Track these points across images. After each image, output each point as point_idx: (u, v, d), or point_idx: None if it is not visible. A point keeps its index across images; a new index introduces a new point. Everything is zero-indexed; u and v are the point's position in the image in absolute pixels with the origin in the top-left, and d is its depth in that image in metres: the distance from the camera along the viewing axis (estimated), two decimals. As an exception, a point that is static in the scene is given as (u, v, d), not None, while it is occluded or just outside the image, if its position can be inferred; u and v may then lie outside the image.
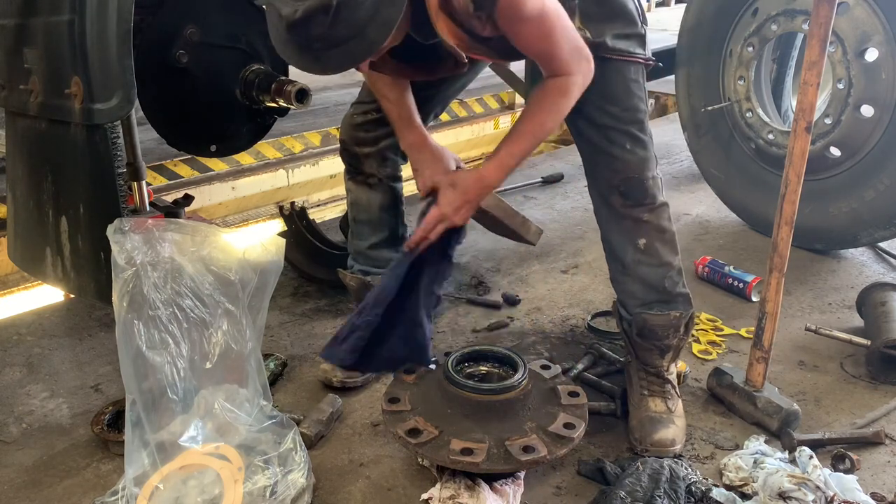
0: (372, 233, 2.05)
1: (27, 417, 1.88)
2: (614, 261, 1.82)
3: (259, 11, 2.26)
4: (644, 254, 1.74)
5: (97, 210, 1.64)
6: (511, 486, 1.53)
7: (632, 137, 1.69)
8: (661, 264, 1.75)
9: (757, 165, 2.90)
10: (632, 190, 1.71)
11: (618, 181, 1.71)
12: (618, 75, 1.66)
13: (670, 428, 1.69)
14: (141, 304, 1.46)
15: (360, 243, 2.07)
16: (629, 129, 1.69)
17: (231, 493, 1.42)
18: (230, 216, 4.25)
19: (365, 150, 1.98)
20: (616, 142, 1.69)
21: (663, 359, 1.77)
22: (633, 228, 1.74)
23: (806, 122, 1.61)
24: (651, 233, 1.74)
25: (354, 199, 2.06)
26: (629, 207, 1.73)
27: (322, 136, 4.77)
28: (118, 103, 1.57)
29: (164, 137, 2.16)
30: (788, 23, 2.68)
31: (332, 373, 1.93)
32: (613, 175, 1.71)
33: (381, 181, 2.02)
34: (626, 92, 1.68)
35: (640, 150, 1.70)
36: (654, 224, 1.74)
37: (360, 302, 2.00)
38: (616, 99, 1.67)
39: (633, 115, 1.69)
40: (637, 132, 1.70)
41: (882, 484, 1.59)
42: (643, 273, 1.76)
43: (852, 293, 2.38)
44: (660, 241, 1.75)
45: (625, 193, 1.71)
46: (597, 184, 1.78)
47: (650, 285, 1.76)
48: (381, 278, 1.77)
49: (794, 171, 1.64)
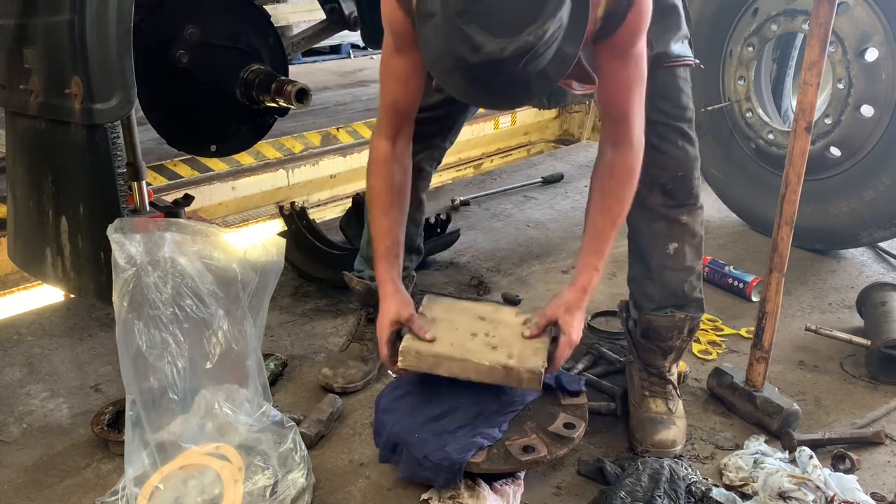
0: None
1: (27, 417, 1.88)
2: (639, 263, 1.79)
3: (259, 11, 2.26)
4: (672, 258, 1.72)
5: (97, 210, 1.64)
6: (511, 486, 1.53)
7: (683, 134, 1.67)
8: (685, 269, 1.74)
9: (757, 165, 2.90)
10: (678, 188, 1.68)
11: (665, 179, 1.68)
12: (669, 74, 1.64)
13: (671, 429, 1.69)
14: (141, 304, 1.46)
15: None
16: (681, 125, 1.67)
17: (231, 493, 1.42)
18: (230, 216, 4.24)
19: None
20: (667, 138, 1.66)
21: (665, 360, 1.77)
22: (666, 231, 1.71)
23: (806, 122, 1.61)
24: (683, 237, 1.72)
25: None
26: (670, 208, 1.70)
27: (322, 136, 4.76)
28: (118, 103, 1.57)
29: (164, 137, 2.16)
30: (788, 23, 2.68)
31: (334, 378, 1.93)
32: (661, 173, 1.67)
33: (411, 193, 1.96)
34: (677, 90, 1.66)
35: (690, 148, 1.69)
36: (689, 228, 1.72)
37: (365, 304, 2.00)
38: (668, 96, 1.65)
39: (684, 112, 1.67)
40: (688, 129, 1.68)
41: (882, 484, 1.59)
42: (667, 277, 1.74)
43: (852, 293, 2.38)
44: (689, 245, 1.73)
45: (670, 192, 1.68)
46: (638, 183, 1.75)
47: (670, 290, 1.74)
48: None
49: (794, 171, 1.64)
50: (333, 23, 2.74)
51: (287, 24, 6.53)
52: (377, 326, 1.61)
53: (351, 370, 1.94)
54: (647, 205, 1.70)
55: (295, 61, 7.63)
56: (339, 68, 7.87)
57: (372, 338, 2.00)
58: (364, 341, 2.00)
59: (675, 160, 1.67)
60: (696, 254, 1.75)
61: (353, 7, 2.70)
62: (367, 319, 2.02)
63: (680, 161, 1.67)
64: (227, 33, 2.15)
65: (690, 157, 1.69)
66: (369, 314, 2.02)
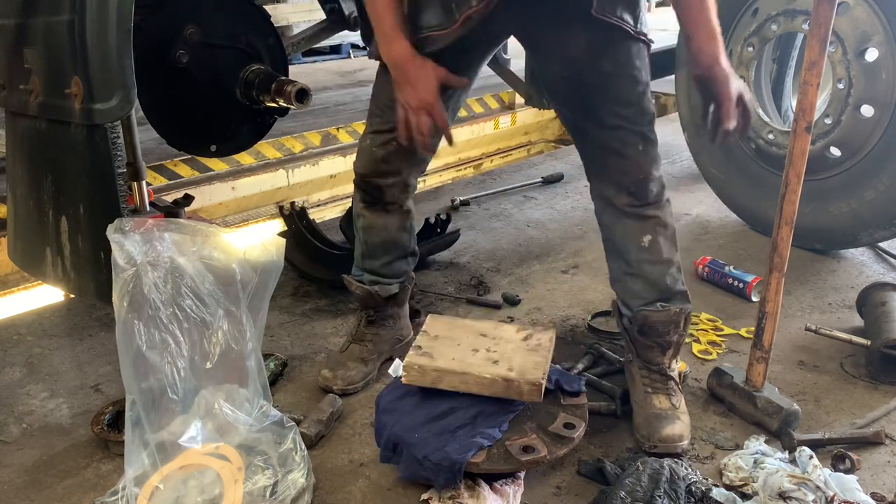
0: (386, 252, 1.97)
1: (27, 417, 1.88)
2: (617, 261, 1.82)
3: (259, 11, 2.26)
4: (648, 251, 1.75)
5: (97, 210, 1.64)
6: (511, 486, 1.53)
7: (644, 138, 1.70)
8: (663, 261, 1.76)
9: (757, 165, 2.90)
10: (642, 189, 1.72)
11: (628, 181, 1.71)
12: (632, 81, 1.66)
13: (676, 424, 1.69)
14: (141, 304, 1.46)
15: (372, 262, 1.98)
16: (643, 130, 1.70)
17: (231, 493, 1.42)
18: (230, 216, 4.24)
19: (389, 181, 1.88)
20: (629, 143, 1.69)
21: (664, 356, 1.78)
22: (638, 226, 1.75)
23: (806, 122, 1.61)
24: (656, 228, 1.75)
25: (369, 224, 1.94)
26: (637, 206, 1.73)
27: (322, 136, 4.77)
28: (118, 103, 1.57)
29: (164, 137, 2.17)
30: (788, 23, 2.68)
31: (333, 380, 1.92)
32: (623, 177, 1.71)
33: (400, 206, 1.94)
34: (638, 95, 1.68)
35: (651, 150, 1.71)
36: (660, 219, 1.75)
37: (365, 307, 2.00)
38: (630, 102, 1.67)
39: (644, 116, 1.70)
40: (648, 133, 1.71)
41: (882, 484, 1.59)
42: (646, 271, 1.76)
43: (852, 293, 2.38)
44: (663, 236, 1.76)
45: (634, 193, 1.72)
46: (603, 186, 1.78)
47: (652, 283, 1.76)
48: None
49: (794, 172, 1.64)
50: (333, 23, 2.75)
51: (287, 24, 6.54)
52: (417, 93, 1.58)
53: (351, 371, 1.94)
54: (616, 205, 1.75)
55: (295, 61, 7.64)
56: (339, 68, 7.88)
57: (372, 339, 2.01)
58: (364, 343, 2.00)
59: (637, 164, 1.70)
60: (671, 245, 1.78)
61: (352, 7, 2.70)
62: (368, 321, 2.02)
63: (640, 165, 1.71)
64: (227, 33, 2.15)
65: (650, 159, 1.72)
66: (369, 316, 2.02)
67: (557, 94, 1.81)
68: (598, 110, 1.69)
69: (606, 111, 1.68)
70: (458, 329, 1.77)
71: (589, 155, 1.80)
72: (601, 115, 1.69)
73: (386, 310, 2.02)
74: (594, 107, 1.69)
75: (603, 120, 1.69)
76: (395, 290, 2.00)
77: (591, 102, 1.69)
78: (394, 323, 2.05)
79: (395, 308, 2.04)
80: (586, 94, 1.69)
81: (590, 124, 1.73)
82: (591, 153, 1.79)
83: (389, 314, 2.04)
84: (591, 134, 1.74)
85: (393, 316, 2.05)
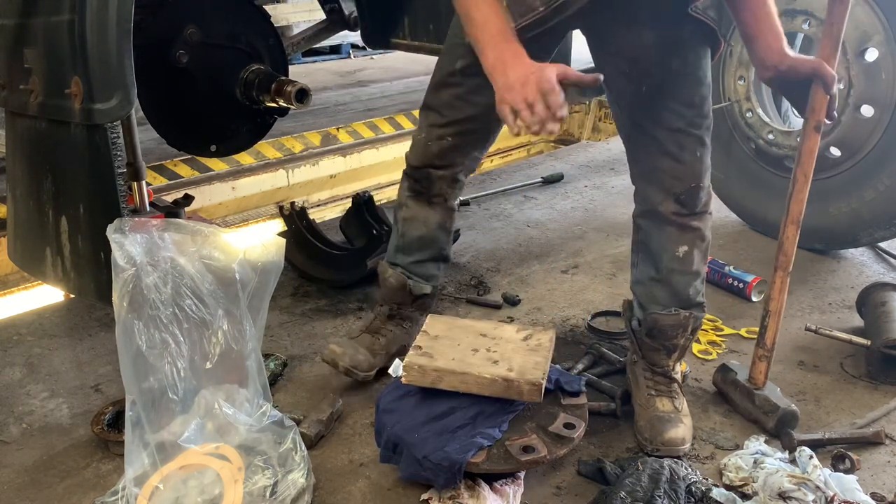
0: (420, 249, 1.95)
1: (27, 417, 1.88)
2: (646, 264, 1.79)
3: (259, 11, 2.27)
4: (680, 261, 1.72)
5: (97, 210, 1.64)
6: (511, 486, 1.53)
7: (702, 144, 1.66)
8: (692, 273, 1.74)
9: (757, 165, 2.89)
10: (691, 198, 1.68)
11: (680, 189, 1.67)
12: (696, 81, 1.63)
13: (679, 427, 1.69)
14: (141, 304, 1.46)
15: (404, 258, 1.96)
16: (701, 135, 1.66)
17: (231, 493, 1.42)
18: (230, 216, 4.24)
19: (440, 174, 1.87)
20: (688, 148, 1.64)
21: (670, 358, 1.78)
22: (677, 235, 1.71)
23: (815, 121, 1.61)
24: (694, 241, 1.72)
25: (411, 216, 1.92)
26: (682, 216, 1.69)
27: (322, 136, 4.76)
28: (118, 103, 1.57)
29: (164, 137, 2.17)
30: (788, 23, 2.68)
31: (341, 356, 1.88)
32: (676, 182, 1.67)
33: (445, 200, 1.93)
34: (701, 98, 1.64)
35: (707, 158, 1.68)
36: (700, 232, 1.72)
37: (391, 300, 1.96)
38: (692, 103, 1.63)
39: (704, 120, 1.66)
40: (706, 138, 1.67)
41: (882, 484, 1.59)
42: (674, 280, 1.74)
43: (852, 293, 2.38)
44: (698, 249, 1.73)
45: (683, 202, 1.68)
46: (650, 190, 1.73)
47: (676, 293, 1.74)
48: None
49: (801, 171, 1.64)
50: (333, 23, 2.75)
51: (287, 24, 6.54)
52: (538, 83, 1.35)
53: (360, 356, 1.90)
54: (660, 212, 1.71)
55: (295, 61, 7.63)
56: (339, 68, 7.88)
57: (386, 335, 1.97)
58: (378, 335, 1.97)
59: (691, 170, 1.67)
60: (703, 258, 1.76)
61: (352, 7, 2.71)
62: (389, 316, 1.99)
63: (695, 171, 1.67)
64: (227, 33, 2.15)
65: (705, 167, 1.68)
66: (392, 310, 1.98)
67: (615, 91, 1.73)
68: (660, 109, 1.63)
69: (669, 111, 1.63)
70: (458, 329, 1.77)
71: (640, 157, 1.74)
72: (662, 115, 1.64)
73: (409, 308, 1.99)
74: (655, 105, 1.64)
75: (663, 120, 1.64)
76: (427, 290, 1.98)
77: (652, 100, 1.64)
78: (410, 326, 2.01)
79: (416, 311, 2.01)
80: (648, 91, 1.63)
81: (648, 123, 1.67)
82: (643, 155, 1.73)
83: (410, 315, 2.01)
84: (647, 134, 1.68)
85: (412, 319, 2.01)
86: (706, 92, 1.65)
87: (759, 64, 1.63)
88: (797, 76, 1.60)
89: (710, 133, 1.68)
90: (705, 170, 1.69)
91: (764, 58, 1.60)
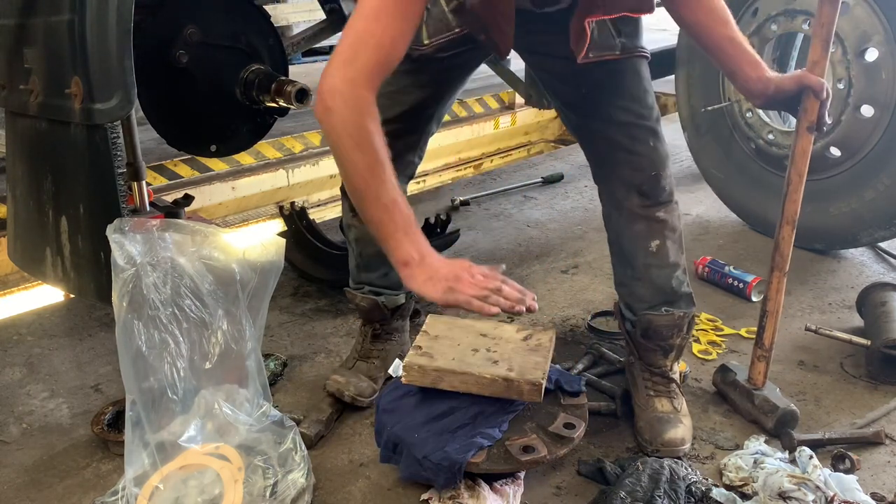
0: (382, 262, 1.81)
1: (27, 417, 1.88)
2: (623, 265, 1.80)
3: (259, 11, 2.26)
4: (655, 256, 1.73)
5: (97, 210, 1.64)
6: (511, 486, 1.53)
7: (654, 133, 1.68)
8: (670, 265, 1.74)
9: (757, 165, 2.89)
10: (653, 188, 1.69)
11: (640, 180, 1.68)
12: (636, 74, 1.65)
13: (679, 427, 1.69)
14: (141, 304, 1.46)
15: (369, 275, 1.90)
16: (651, 125, 1.68)
17: (231, 493, 1.42)
18: (230, 216, 4.24)
19: None
20: (640, 139, 1.67)
21: (667, 359, 1.78)
22: (647, 231, 1.72)
23: (808, 122, 1.62)
24: (664, 232, 1.72)
25: (361, 235, 1.83)
26: (647, 207, 1.70)
27: (322, 136, 4.76)
28: (118, 103, 1.57)
29: (164, 137, 2.16)
30: (788, 23, 2.68)
31: (346, 386, 1.84)
32: (636, 174, 1.68)
33: None
34: (644, 91, 1.67)
35: (661, 146, 1.70)
36: (668, 223, 1.73)
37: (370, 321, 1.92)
38: (636, 97, 1.66)
39: (652, 111, 1.68)
40: (657, 128, 1.69)
41: (882, 484, 1.59)
42: (653, 276, 1.74)
43: (852, 293, 2.38)
44: (671, 240, 1.73)
45: (646, 193, 1.69)
46: (612, 187, 1.75)
47: (658, 287, 1.75)
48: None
49: (795, 171, 1.64)
50: (333, 23, 2.74)
51: (287, 24, 6.53)
52: (470, 282, 1.30)
53: (362, 383, 1.87)
54: (626, 207, 1.72)
55: (295, 61, 7.63)
56: (339, 68, 7.86)
57: (378, 356, 1.94)
58: (371, 360, 1.93)
59: (649, 160, 1.68)
60: (678, 248, 1.76)
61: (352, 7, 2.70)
62: (373, 337, 1.94)
63: (653, 161, 1.69)
64: (227, 33, 2.15)
65: (662, 156, 1.70)
66: (375, 331, 1.94)
67: (559, 96, 1.79)
68: (605, 106, 1.66)
69: (614, 106, 1.65)
70: (458, 329, 1.77)
71: (597, 156, 1.77)
72: (608, 111, 1.66)
73: (392, 322, 1.95)
74: (600, 104, 1.66)
75: (610, 116, 1.66)
76: (402, 300, 1.94)
77: (596, 99, 1.66)
78: (399, 337, 1.98)
79: (399, 321, 1.98)
80: (590, 93, 1.67)
81: (597, 123, 1.69)
82: (599, 154, 1.75)
83: (395, 327, 1.97)
84: (598, 133, 1.71)
85: (398, 329, 1.98)
86: (647, 85, 1.67)
87: (748, 95, 1.67)
88: (788, 94, 1.64)
89: (659, 123, 1.70)
90: (663, 159, 1.70)
91: (750, 89, 1.64)
